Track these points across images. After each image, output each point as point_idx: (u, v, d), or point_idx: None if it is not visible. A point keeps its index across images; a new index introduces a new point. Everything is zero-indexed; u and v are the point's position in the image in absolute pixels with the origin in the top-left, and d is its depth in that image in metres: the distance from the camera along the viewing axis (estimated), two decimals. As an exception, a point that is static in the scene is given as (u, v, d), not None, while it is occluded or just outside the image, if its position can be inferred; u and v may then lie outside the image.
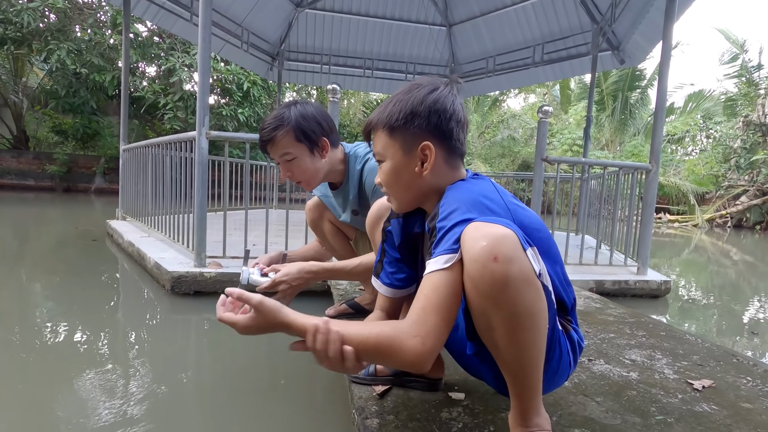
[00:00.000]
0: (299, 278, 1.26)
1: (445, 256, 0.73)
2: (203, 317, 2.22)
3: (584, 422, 0.98)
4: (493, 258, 0.67)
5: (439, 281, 0.73)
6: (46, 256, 3.61)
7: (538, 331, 0.72)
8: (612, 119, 13.68)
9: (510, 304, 0.68)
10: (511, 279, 0.67)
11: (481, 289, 0.69)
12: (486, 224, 0.71)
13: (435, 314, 0.72)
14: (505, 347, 0.72)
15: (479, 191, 0.80)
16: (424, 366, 0.72)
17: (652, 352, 1.43)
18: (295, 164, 1.38)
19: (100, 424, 1.19)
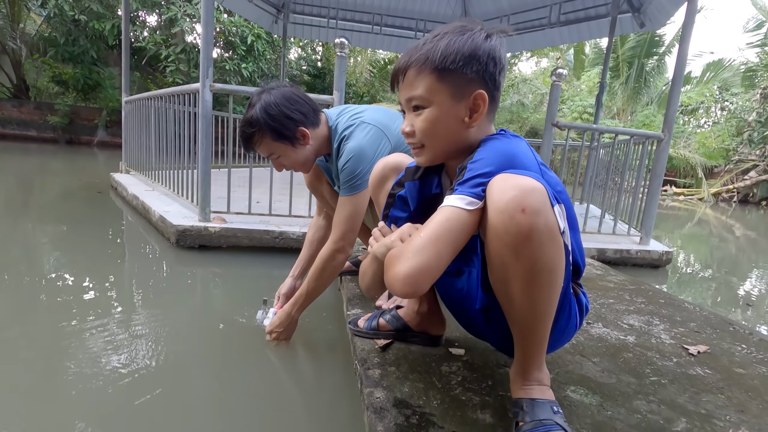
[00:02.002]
0: (284, 323, 1.41)
1: (469, 198, 0.72)
2: (208, 270, 2.26)
3: (580, 380, 1.00)
4: (521, 209, 0.66)
5: (453, 216, 0.71)
6: (52, 208, 3.63)
7: (554, 287, 0.72)
8: (625, 87, 13.28)
9: (531, 257, 0.68)
10: (536, 232, 0.66)
11: (504, 240, 0.68)
12: (516, 175, 0.69)
13: (433, 245, 0.70)
14: (519, 301, 0.72)
15: (516, 145, 0.78)
16: (405, 293, 0.71)
17: (650, 318, 1.45)
18: (283, 159, 1.36)
19: (104, 374, 1.23)
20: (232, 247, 2.52)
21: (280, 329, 1.40)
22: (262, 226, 2.56)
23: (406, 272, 0.70)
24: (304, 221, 2.72)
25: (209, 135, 2.56)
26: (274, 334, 1.41)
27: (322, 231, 1.78)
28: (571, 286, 0.84)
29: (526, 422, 0.74)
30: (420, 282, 0.70)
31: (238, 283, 2.13)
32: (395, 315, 1.13)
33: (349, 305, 1.40)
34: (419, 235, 0.72)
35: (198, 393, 1.20)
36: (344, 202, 1.34)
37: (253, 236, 2.52)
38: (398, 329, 1.12)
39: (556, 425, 0.72)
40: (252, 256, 2.46)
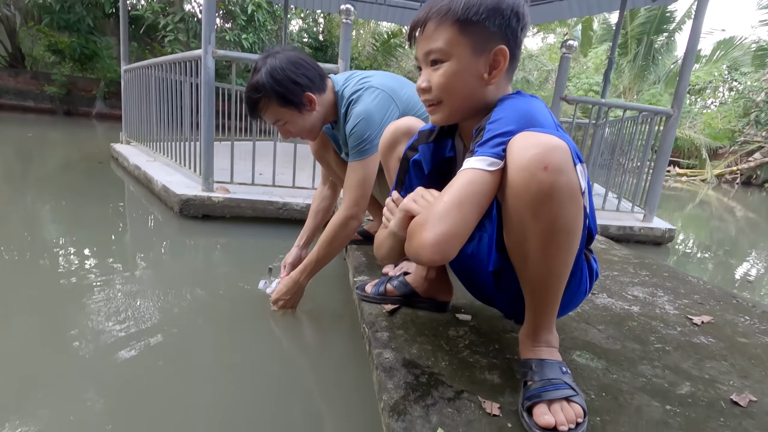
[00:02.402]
0: (291, 290, 1.40)
1: (490, 158, 0.70)
2: (212, 240, 2.26)
3: (585, 345, 1.01)
4: (543, 167, 0.64)
5: (476, 179, 0.70)
6: (52, 178, 3.61)
7: (571, 249, 0.71)
8: (633, 65, 13.03)
9: (550, 217, 0.67)
10: (557, 191, 0.65)
11: (524, 199, 0.67)
12: (538, 133, 0.68)
13: (458, 210, 0.69)
14: (535, 261, 0.72)
15: (535, 104, 0.76)
16: (433, 261, 0.70)
17: (654, 290, 1.46)
18: (289, 126, 1.33)
19: (105, 340, 1.24)
20: (235, 218, 2.52)
21: (286, 296, 1.40)
22: (265, 197, 2.55)
23: (433, 240, 0.69)
24: (308, 193, 2.71)
25: (212, 103, 2.52)
26: (280, 302, 1.41)
27: (327, 201, 1.77)
28: (583, 252, 0.83)
29: (535, 381, 0.75)
30: (448, 249, 0.69)
31: (241, 253, 2.14)
32: (403, 281, 1.14)
33: (355, 273, 1.41)
34: (442, 200, 0.71)
35: (202, 358, 1.22)
36: (354, 167, 1.32)
37: (257, 207, 2.51)
38: (405, 295, 1.12)
39: (565, 384, 0.73)
40: (255, 227, 2.46)
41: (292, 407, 1.05)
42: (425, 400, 0.76)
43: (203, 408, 1.02)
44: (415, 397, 0.76)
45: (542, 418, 0.68)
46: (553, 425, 0.68)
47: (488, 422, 0.71)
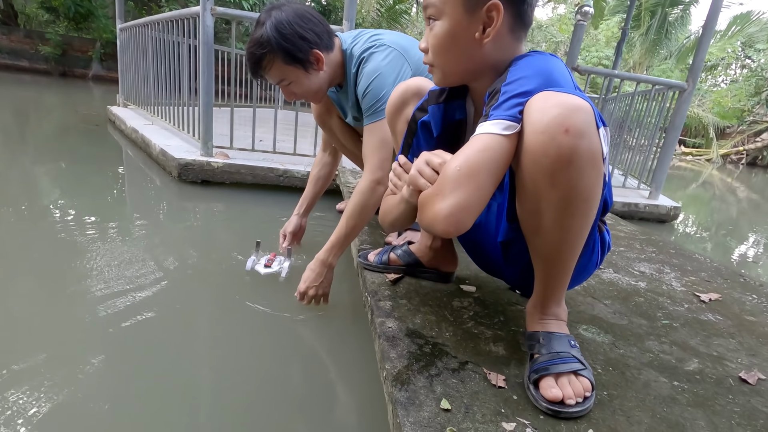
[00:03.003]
0: (320, 274, 1.21)
1: (506, 122, 0.65)
2: (211, 206, 2.22)
3: (592, 320, 1.00)
4: (564, 130, 0.59)
5: (491, 145, 0.65)
6: (49, 141, 3.53)
7: (587, 218, 0.67)
8: (645, 39, 12.63)
9: (568, 184, 0.62)
10: (577, 156, 0.60)
11: (541, 165, 0.62)
12: (559, 93, 0.62)
13: (473, 179, 0.64)
14: (548, 231, 0.68)
15: (555, 63, 0.70)
16: (447, 232, 0.66)
17: (660, 266, 1.44)
18: (294, 86, 1.25)
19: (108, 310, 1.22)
20: (235, 184, 2.48)
21: (316, 283, 1.21)
22: (266, 164, 2.50)
23: (448, 211, 0.64)
24: (309, 160, 2.65)
25: (211, 64, 2.43)
26: (310, 292, 1.21)
27: (328, 167, 1.71)
28: (597, 222, 0.80)
29: (542, 354, 0.72)
30: (463, 219, 0.65)
31: (241, 220, 2.11)
32: (407, 250, 1.11)
33: (357, 240, 1.38)
34: (455, 168, 0.66)
35: (198, 326, 1.20)
36: (372, 129, 1.23)
37: (257, 173, 2.46)
38: (409, 264, 1.10)
39: (574, 358, 0.71)
40: (255, 194, 2.42)
41: (291, 377, 1.04)
42: (429, 370, 0.74)
43: (200, 377, 1.00)
44: (418, 367, 0.74)
45: (549, 391, 0.67)
46: (560, 398, 0.66)
47: (493, 394, 0.70)
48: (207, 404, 0.91)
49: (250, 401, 0.93)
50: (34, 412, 0.83)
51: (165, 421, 0.86)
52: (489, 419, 0.64)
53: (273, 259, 1.44)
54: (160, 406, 0.89)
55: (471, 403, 0.67)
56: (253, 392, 0.96)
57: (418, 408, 0.64)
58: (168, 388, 0.94)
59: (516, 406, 0.67)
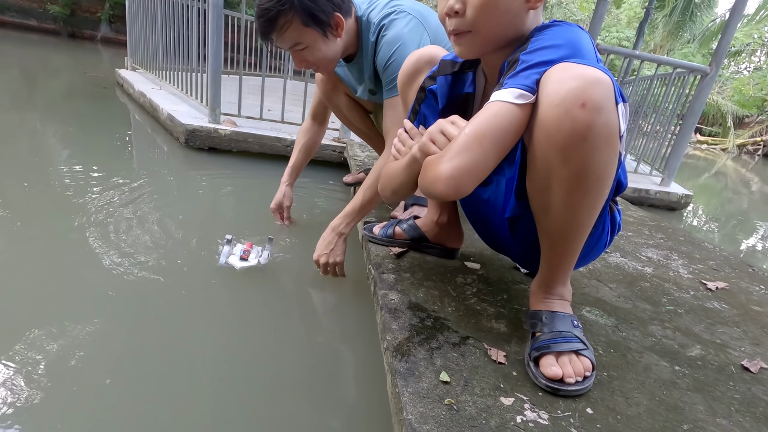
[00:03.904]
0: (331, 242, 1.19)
1: (520, 90, 0.62)
2: (217, 173, 2.21)
3: (595, 302, 0.99)
4: (581, 103, 0.57)
5: (501, 112, 0.63)
6: (57, 102, 3.51)
7: (599, 198, 0.65)
8: (668, 20, 12.20)
9: (581, 161, 0.60)
10: (593, 132, 0.58)
11: (554, 140, 0.60)
12: (578, 65, 0.59)
13: (478, 144, 0.63)
14: (558, 209, 0.66)
15: (581, 34, 0.67)
16: (446, 194, 0.65)
17: (668, 253, 1.42)
18: (308, 53, 1.14)
19: (114, 272, 1.23)
20: (242, 152, 2.46)
21: (326, 251, 1.19)
22: (273, 133, 2.47)
23: (449, 172, 0.63)
24: (317, 132, 2.62)
25: (221, 28, 2.37)
26: (322, 259, 1.19)
27: (316, 136, 1.66)
28: (609, 202, 0.78)
29: (545, 333, 0.72)
30: (464, 183, 0.64)
31: (247, 188, 2.10)
32: (412, 224, 1.10)
33: (363, 214, 1.36)
34: (463, 132, 0.64)
35: (199, 293, 1.20)
36: (395, 103, 1.17)
37: (264, 143, 2.44)
38: (414, 239, 1.09)
39: (576, 338, 0.70)
40: (262, 163, 2.40)
41: (292, 347, 1.06)
42: (430, 343, 0.74)
43: (199, 346, 1.01)
44: (419, 340, 0.74)
45: (549, 369, 0.66)
46: (560, 377, 0.66)
47: (493, 369, 0.70)
48: (207, 373, 0.93)
49: (249, 371, 0.94)
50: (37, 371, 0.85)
51: (166, 389, 0.87)
52: (488, 393, 0.64)
53: (249, 250, 1.27)
54: (159, 374, 0.91)
55: (470, 377, 0.67)
56: (253, 361, 0.97)
57: (417, 379, 0.65)
58: (166, 358, 0.95)
59: (515, 382, 0.67)
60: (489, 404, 0.62)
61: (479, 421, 0.58)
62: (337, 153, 2.50)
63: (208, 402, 0.84)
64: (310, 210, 1.85)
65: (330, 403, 0.89)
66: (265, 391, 0.89)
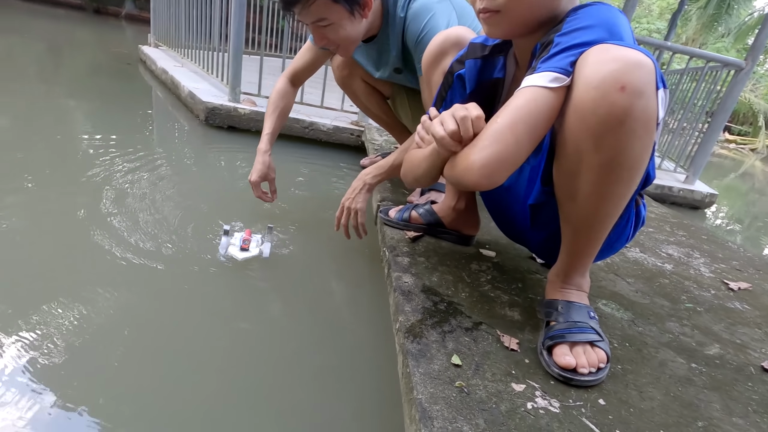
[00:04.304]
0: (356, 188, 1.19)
1: (554, 74, 0.60)
2: (235, 151, 2.23)
3: (612, 296, 0.97)
4: (620, 87, 0.54)
5: (534, 97, 0.61)
6: (81, 77, 3.56)
7: (629, 188, 0.63)
8: (703, 12, 11.72)
9: (615, 148, 0.58)
10: (631, 117, 0.55)
11: (588, 124, 0.58)
12: (618, 46, 0.57)
13: (511, 132, 0.61)
14: (585, 198, 0.64)
15: (619, 16, 0.64)
16: (479, 185, 0.63)
17: (690, 251, 1.39)
18: (330, 30, 1.10)
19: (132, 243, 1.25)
20: (260, 132, 2.46)
21: (350, 197, 1.20)
22: (292, 114, 2.46)
23: (482, 162, 0.61)
24: (336, 114, 2.61)
25: (243, 6, 2.36)
26: (346, 203, 1.19)
27: (290, 99, 1.51)
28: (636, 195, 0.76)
29: (559, 322, 0.71)
30: (497, 173, 0.62)
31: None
32: (429, 209, 1.09)
33: (379, 197, 1.36)
34: (495, 120, 0.63)
35: (206, 271, 1.22)
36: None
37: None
38: (430, 224, 1.08)
39: (591, 329, 0.69)
40: (279, 144, 2.38)
41: (303, 326, 1.07)
42: (442, 326, 0.74)
43: (210, 325, 1.03)
44: (432, 323, 0.74)
45: (563, 359, 0.66)
46: (573, 366, 0.65)
47: (505, 355, 0.69)
48: (218, 352, 0.94)
49: (257, 350, 0.96)
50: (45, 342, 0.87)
51: (178, 365, 0.89)
52: (499, 379, 0.64)
53: (248, 239, 1.24)
54: (170, 349, 0.93)
55: (482, 361, 0.67)
56: (260, 341, 0.98)
57: (428, 360, 0.65)
58: (177, 336, 0.96)
59: (527, 370, 0.67)
60: (500, 389, 0.62)
61: (489, 405, 0.58)
62: (354, 137, 2.49)
63: (216, 379, 0.86)
64: (325, 194, 1.85)
65: (338, 384, 0.90)
66: (274, 370, 0.91)
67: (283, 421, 0.79)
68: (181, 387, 0.81)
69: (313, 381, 0.89)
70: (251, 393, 0.83)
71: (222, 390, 0.82)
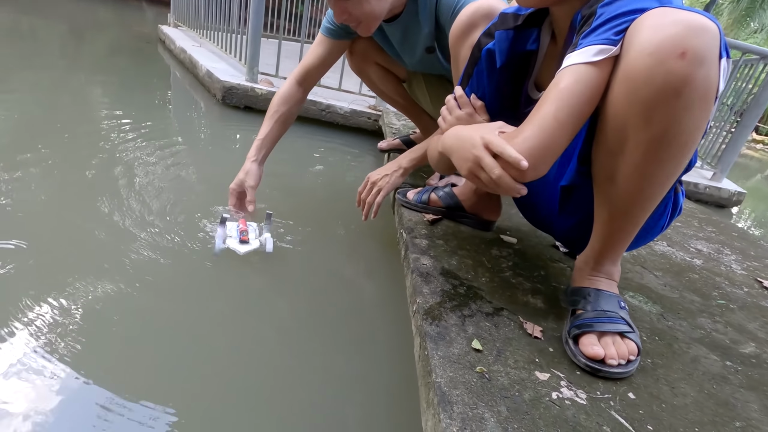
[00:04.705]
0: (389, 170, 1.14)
1: (598, 46, 0.55)
2: (250, 131, 2.20)
3: (639, 288, 0.93)
4: (680, 53, 0.48)
5: (577, 77, 0.56)
6: (103, 55, 3.57)
7: (677, 168, 0.57)
8: (736, 6, 11.29)
9: (668, 121, 0.52)
10: (689, 87, 0.49)
11: (640, 95, 0.52)
12: (680, 10, 0.51)
13: (555, 119, 0.56)
14: (627, 177, 0.59)
15: None
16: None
17: (720, 247, 1.32)
18: (353, 5, 1.03)
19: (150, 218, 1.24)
20: (277, 114, 2.44)
21: (379, 174, 1.15)
22: (309, 97, 2.43)
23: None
24: (353, 97, 2.57)
25: (263, -17, 2.32)
26: (373, 176, 1.15)
27: (297, 106, 1.33)
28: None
29: (587, 311, 0.67)
30: (540, 164, 0.58)
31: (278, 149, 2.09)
32: (449, 192, 1.05)
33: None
34: (538, 108, 0.58)
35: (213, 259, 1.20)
36: None
37: (300, 105, 2.40)
38: (450, 207, 1.04)
39: (621, 319, 0.65)
40: (296, 126, 2.34)
41: (316, 308, 1.05)
42: (462, 310, 0.70)
43: (225, 306, 1.01)
44: (451, 306, 0.71)
45: (590, 348, 0.62)
46: (601, 357, 0.61)
47: (528, 343, 0.66)
48: (234, 330, 0.93)
49: (268, 330, 0.94)
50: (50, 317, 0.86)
51: (195, 343, 0.88)
52: (522, 366, 0.60)
53: (246, 229, 1.12)
54: (183, 328, 0.91)
55: (503, 347, 0.63)
56: (274, 324, 0.96)
57: (448, 344, 0.62)
58: (191, 314, 0.95)
59: (551, 358, 0.63)
60: (523, 377, 0.58)
61: (512, 392, 0.55)
62: (371, 121, 2.44)
63: (231, 358, 0.84)
64: (340, 179, 1.82)
65: (351, 368, 0.88)
66: (286, 353, 0.89)
67: (286, 411, 0.77)
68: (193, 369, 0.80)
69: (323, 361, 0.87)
70: (260, 373, 0.81)
71: (240, 377, 0.80)
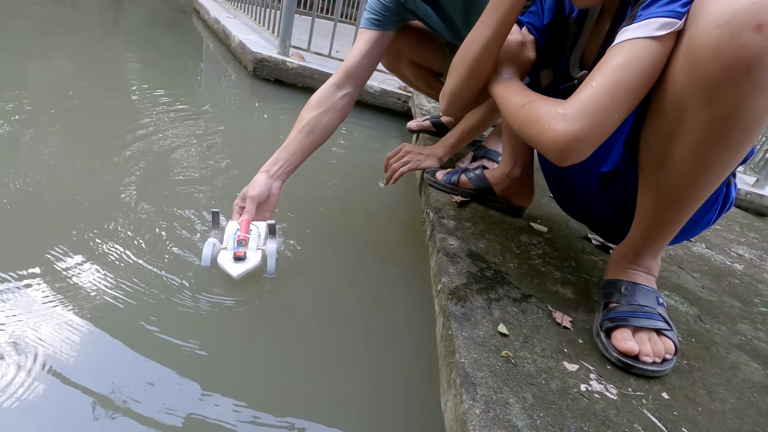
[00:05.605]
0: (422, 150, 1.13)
1: (662, 19, 0.50)
2: (279, 106, 2.19)
3: (675, 288, 0.88)
4: (756, 25, 0.43)
5: (637, 52, 0.51)
6: (139, 25, 3.60)
7: (737, 155, 0.53)
8: None
9: (733, 103, 0.47)
10: (761, 65, 0.44)
11: (705, 72, 0.47)
12: None
13: (610, 98, 0.52)
14: (680, 163, 0.54)
15: None
16: (562, 161, 0.55)
17: (763, 254, 1.25)
18: None
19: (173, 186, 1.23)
20: (306, 88, 2.41)
21: (414, 149, 1.13)
22: (340, 73, 2.40)
23: (573, 135, 0.53)
24: (384, 77, 2.52)
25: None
26: (406, 146, 1.14)
27: (338, 115, 1.05)
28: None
29: (622, 304, 0.63)
30: (586, 147, 0.54)
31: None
32: (480, 175, 1.01)
33: (425, 160, 1.29)
34: (590, 84, 0.53)
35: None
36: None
37: (330, 82, 2.38)
38: (479, 189, 1.01)
39: (659, 315, 0.61)
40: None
41: (338, 286, 1.03)
42: (489, 293, 0.68)
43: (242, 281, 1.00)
44: (477, 288, 0.68)
45: (624, 343, 0.58)
46: (635, 353, 0.57)
47: (556, 332, 0.63)
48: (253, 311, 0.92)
49: (281, 311, 0.93)
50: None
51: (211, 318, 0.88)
52: (549, 355, 0.57)
53: (245, 238, 0.86)
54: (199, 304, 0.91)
55: (531, 335, 0.61)
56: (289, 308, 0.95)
57: (473, 325, 0.59)
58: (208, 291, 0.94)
59: (581, 350, 0.60)
60: (550, 366, 0.55)
61: (539, 380, 0.52)
62: (401, 102, 2.40)
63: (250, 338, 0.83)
64: (362, 162, 1.79)
65: (369, 348, 0.87)
66: (304, 334, 0.88)
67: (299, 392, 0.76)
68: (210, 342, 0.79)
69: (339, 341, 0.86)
70: (275, 352, 0.80)
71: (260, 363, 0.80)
